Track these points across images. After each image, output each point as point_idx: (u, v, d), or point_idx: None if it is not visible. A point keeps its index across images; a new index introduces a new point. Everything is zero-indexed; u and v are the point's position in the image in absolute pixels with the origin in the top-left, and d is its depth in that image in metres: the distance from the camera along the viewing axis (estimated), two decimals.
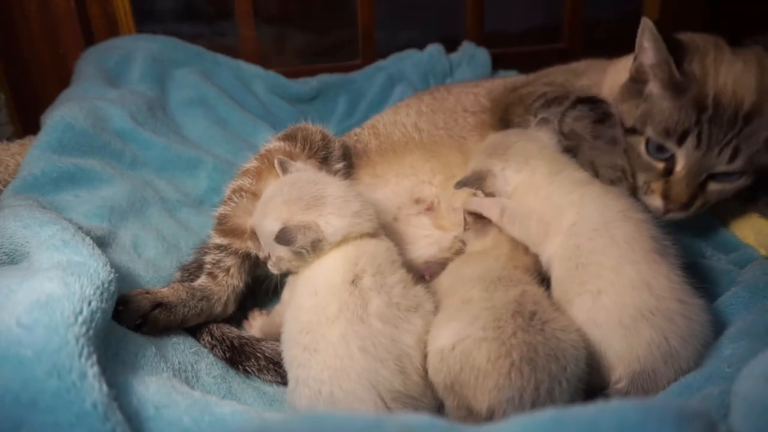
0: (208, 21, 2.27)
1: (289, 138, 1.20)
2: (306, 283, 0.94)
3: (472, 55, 2.06)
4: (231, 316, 1.17)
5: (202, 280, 1.14)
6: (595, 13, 2.43)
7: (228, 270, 1.14)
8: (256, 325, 1.17)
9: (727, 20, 2.55)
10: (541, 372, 0.77)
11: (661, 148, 1.12)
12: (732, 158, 1.08)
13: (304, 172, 1.05)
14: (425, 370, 0.86)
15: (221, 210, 1.17)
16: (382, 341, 0.83)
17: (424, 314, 0.91)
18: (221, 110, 1.80)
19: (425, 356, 0.86)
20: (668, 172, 1.12)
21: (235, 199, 1.15)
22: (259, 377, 1.06)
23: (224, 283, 1.13)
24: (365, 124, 1.46)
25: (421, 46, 2.11)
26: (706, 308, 0.91)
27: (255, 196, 1.13)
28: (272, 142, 1.21)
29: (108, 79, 1.68)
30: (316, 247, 0.93)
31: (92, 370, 0.64)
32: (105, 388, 0.64)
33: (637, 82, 1.16)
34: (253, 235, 1.09)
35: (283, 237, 0.92)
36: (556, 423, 0.48)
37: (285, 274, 1.03)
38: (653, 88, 1.12)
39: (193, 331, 1.10)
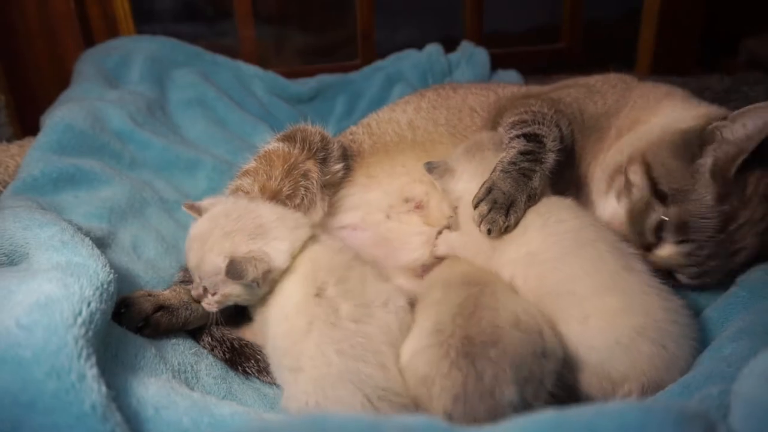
0: (207, 21, 2.27)
1: (289, 139, 1.20)
2: (275, 312, 0.94)
3: (471, 54, 2.06)
4: (231, 317, 1.17)
5: None
6: (595, 13, 2.44)
7: None
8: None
9: (727, 21, 2.55)
10: (480, 361, 0.76)
11: (661, 230, 1.05)
12: (695, 278, 1.05)
13: (229, 203, 1.02)
14: None
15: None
16: (358, 340, 0.83)
17: (396, 309, 0.91)
18: (220, 110, 1.80)
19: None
20: (648, 247, 1.07)
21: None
22: (258, 378, 1.06)
23: None
24: (361, 122, 1.46)
25: (420, 46, 2.11)
26: (685, 304, 0.94)
27: (253, 197, 1.13)
28: (272, 143, 1.21)
29: (107, 80, 1.68)
30: (267, 278, 0.93)
31: (91, 372, 0.64)
32: (104, 389, 0.64)
33: (699, 142, 1.04)
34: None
35: (234, 271, 0.89)
36: (555, 424, 0.48)
37: None
38: (708, 163, 1.02)
39: (193, 332, 1.10)
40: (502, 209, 1.00)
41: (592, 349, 0.88)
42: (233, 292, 0.95)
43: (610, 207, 1.14)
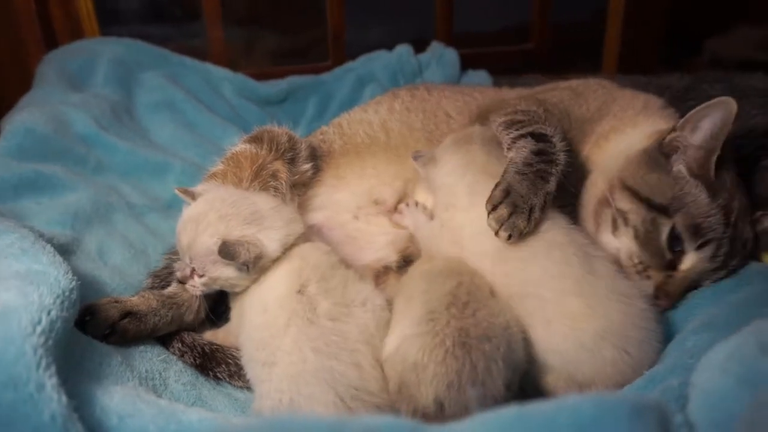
0: (176, 22, 2.24)
1: (256, 140, 1.20)
2: (253, 302, 0.94)
3: (441, 55, 2.07)
4: (202, 322, 1.15)
5: (172, 288, 1.12)
6: (563, 15, 2.47)
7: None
8: (208, 334, 1.15)
9: (691, 22, 2.62)
10: (475, 352, 0.80)
11: (678, 239, 1.02)
12: (722, 278, 1.05)
13: (225, 189, 1.04)
14: (381, 366, 0.87)
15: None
16: (333, 338, 0.84)
17: (373, 308, 0.92)
18: (189, 113, 1.78)
19: (379, 351, 0.88)
20: (671, 266, 1.04)
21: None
22: (230, 383, 1.05)
23: None
24: (332, 122, 1.45)
25: (391, 47, 2.11)
26: (647, 302, 0.96)
27: None
28: (239, 145, 1.21)
29: (71, 83, 1.65)
30: (257, 263, 0.93)
31: (51, 381, 0.63)
32: (64, 399, 0.62)
33: (663, 154, 1.07)
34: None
35: (226, 251, 0.90)
36: (516, 419, 0.49)
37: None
38: (683, 170, 1.04)
39: (163, 338, 1.08)
40: (523, 213, 0.94)
41: (557, 353, 0.90)
42: (222, 275, 0.95)
43: (610, 245, 1.08)
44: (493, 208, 0.96)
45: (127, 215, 1.38)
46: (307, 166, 1.25)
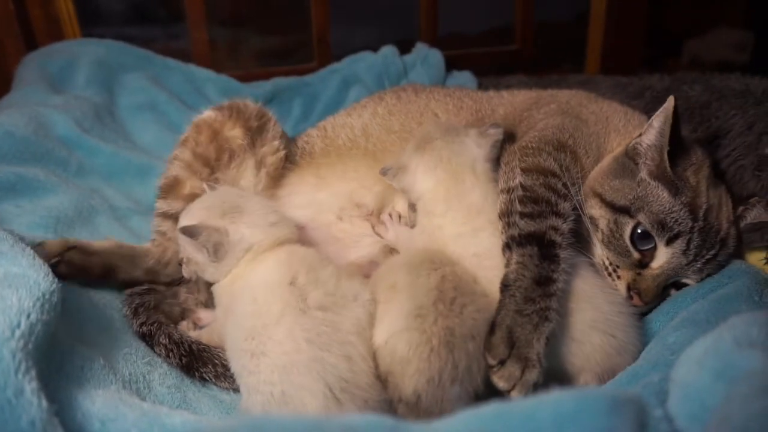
0: (160, 24, 2.22)
1: (220, 108, 1.30)
2: (243, 293, 0.95)
3: (426, 56, 2.07)
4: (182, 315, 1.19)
5: (143, 245, 1.21)
6: (547, 16, 2.50)
7: (165, 233, 1.20)
8: (194, 334, 1.15)
9: (671, 24, 2.67)
10: (458, 352, 0.84)
11: (646, 238, 1.04)
12: (699, 274, 1.05)
13: (229, 189, 1.16)
14: (372, 360, 0.88)
15: (160, 181, 1.27)
16: (325, 329, 0.86)
17: (363, 303, 0.94)
18: (172, 115, 1.76)
19: (370, 345, 0.90)
20: (642, 265, 1.05)
21: (171, 167, 1.26)
22: (216, 384, 1.05)
23: (162, 244, 1.20)
24: (317, 125, 1.46)
25: (377, 49, 2.12)
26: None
27: (189, 163, 1.24)
28: (204, 113, 1.29)
29: (51, 85, 1.63)
30: (218, 251, 1.00)
31: (30, 386, 0.62)
32: (45, 404, 0.62)
33: (631, 160, 1.09)
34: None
35: (188, 230, 0.99)
36: (497, 416, 0.49)
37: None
38: (644, 174, 1.06)
39: (151, 333, 1.08)
40: (534, 368, 0.86)
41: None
42: (192, 257, 1.04)
43: (595, 252, 1.09)
44: (500, 362, 0.86)
45: (111, 218, 1.36)
46: (278, 143, 1.30)
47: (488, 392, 0.87)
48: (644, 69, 2.24)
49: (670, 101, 1.03)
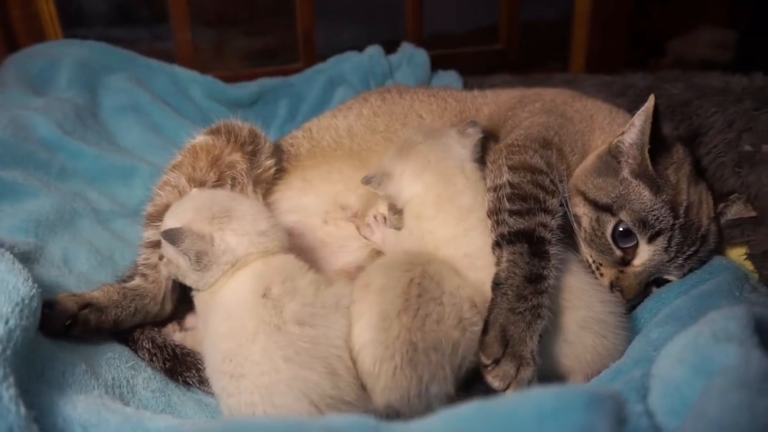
0: (144, 24, 2.20)
1: (214, 132, 1.23)
2: (218, 308, 0.92)
3: (411, 56, 2.07)
4: (170, 317, 1.15)
5: (135, 281, 1.12)
6: (532, 15, 2.51)
7: (156, 266, 1.11)
8: (178, 337, 1.14)
9: (655, 23, 2.69)
10: (422, 367, 0.83)
11: (628, 236, 1.04)
12: (680, 270, 1.06)
13: (223, 191, 1.10)
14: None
15: (149, 209, 1.18)
16: (303, 345, 0.83)
17: (345, 311, 0.91)
18: (156, 117, 1.75)
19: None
20: (624, 262, 1.05)
21: (162, 194, 1.17)
22: (200, 389, 1.04)
23: (157, 280, 1.11)
24: (303, 127, 1.45)
25: (362, 48, 2.11)
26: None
27: (181, 190, 1.16)
28: (198, 137, 1.24)
29: (32, 87, 1.61)
30: (201, 260, 0.93)
31: (8, 393, 0.61)
32: (23, 410, 0.61)
33: (614, 158, 1.10)
34: None
35: (171, 236, 0.92)
36: (478, 415, 0.49)
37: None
38: (626, 173, 1.07)
39: (134, 337, 1.07)
40: (529, 365, 0.86)
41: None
42: (172, 259, 0.97)
43: (581, 250, 1.10)
44: (494, 361, 0.86)
45: (94, 221, 1.35)
46: (270, 162, 1.27)
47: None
48: (628, 69, 2.26)
49: (651, 100, 1.04)
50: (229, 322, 0.88)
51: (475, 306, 0.93)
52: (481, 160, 1.15)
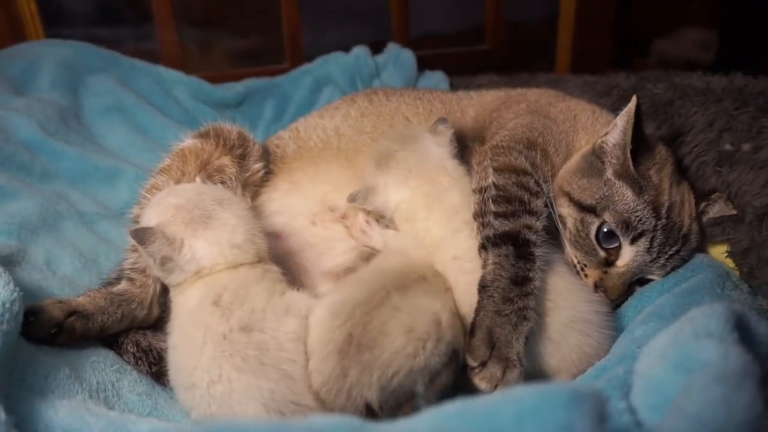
0: (129, 24, 2.18)
1: (203, 135, 1.22)
2: (174, 319, 0.92)
3: (398, 56, 2.08)
4: (157, 322, 1.13)
5: (121, 286, 1.09)
6: (518, 16, 2.53)
7: (144, 270, 1.09)
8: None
9: (639, 24, 2.72)
10: (350, 360, 0.80)
11: (611, 237, 1.05)
12: (663, 269, 1.07)
13: (215, 187, 1.05)
14: None
15: (136, 212, 1.16)
16: (251, 353, 0.81)
17: (297, 313, 0.89)
18: (141, 117, 1.73)
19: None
20: (608, 263, 1.06)
21: (150, 198, 1.14)
22: None
23: (144, 285, 1.09)
24: (289, 127, 1.45)
25: (349, 49, 2.11)
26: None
27: None
28: (186, 141, 1.22)
29: (13, 87, 1.59)
30: (165, 264, 0.91)
31: None
32: (2, 416, 0.60)
33: (598, 158, 1.10)
34: None
35: (140, 236, 0.89)
36: (460, 414, 0.50)
37: None
38: (610, 174, 1.08)
39: (119, 341, 1.05)
40: (516, 367, 0.86)
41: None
42: (143, 253, 0.94)
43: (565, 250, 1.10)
44: (481, 363, 0.87)
45: (77, 223, 1.34)
46: (259, 165, 1.26)
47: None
48: (613, 69, 2.29)
49: (633, 101, 1.06)
50: (179, 333, 0.87)
51: (439, 325, 0.88)
52: (459, 156, 1.16)
